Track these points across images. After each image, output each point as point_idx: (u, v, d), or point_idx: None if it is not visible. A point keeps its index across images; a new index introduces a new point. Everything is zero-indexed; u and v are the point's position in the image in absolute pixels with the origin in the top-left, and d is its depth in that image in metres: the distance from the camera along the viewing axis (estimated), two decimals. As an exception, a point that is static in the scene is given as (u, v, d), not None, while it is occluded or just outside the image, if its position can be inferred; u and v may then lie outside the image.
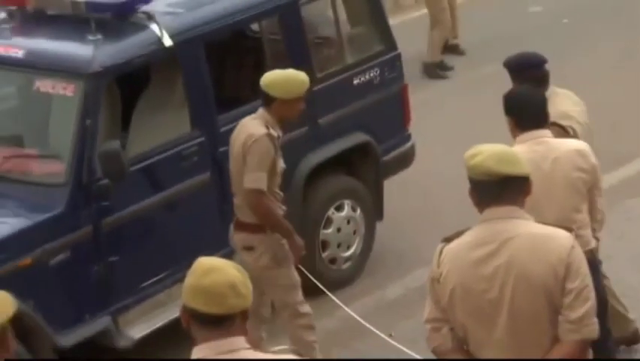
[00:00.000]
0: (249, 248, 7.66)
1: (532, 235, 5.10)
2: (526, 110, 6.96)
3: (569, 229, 5.21)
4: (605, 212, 7.07)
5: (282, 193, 8.24)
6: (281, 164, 8.08)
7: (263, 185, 7.79)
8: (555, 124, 7.51)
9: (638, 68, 13.94)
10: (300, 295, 8.18)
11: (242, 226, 7.98)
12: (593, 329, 5.05)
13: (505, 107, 7.03)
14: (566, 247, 5.03)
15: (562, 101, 7.91)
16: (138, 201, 8.61)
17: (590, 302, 5.01)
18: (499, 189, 5.13)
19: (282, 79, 7.94)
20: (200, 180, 9.01)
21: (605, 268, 7.51)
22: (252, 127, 7.90)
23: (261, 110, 7.96)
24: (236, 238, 7.99)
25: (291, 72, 8.01)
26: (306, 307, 8.20)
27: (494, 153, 5.13)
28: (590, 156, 6.85)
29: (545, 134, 6.88)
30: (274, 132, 7.86)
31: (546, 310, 5.06)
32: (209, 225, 8.67)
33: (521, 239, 5.07)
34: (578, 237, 5.38)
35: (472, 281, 5.15)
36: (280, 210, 8.14)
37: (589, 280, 5.07)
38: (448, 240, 5.32)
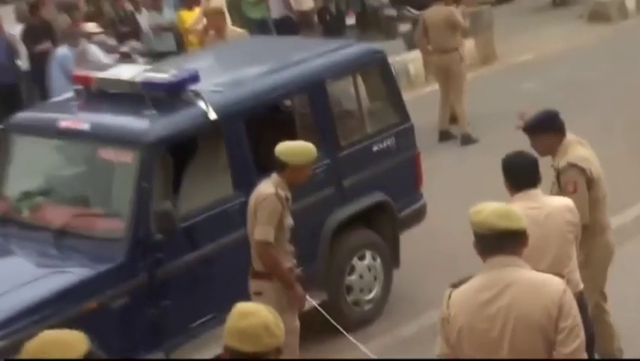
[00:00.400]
0: (259, 293, 7.64)
1: (530, 281, 5.11)
2: (520, 173, 6.95)
3: (560, 276, 5.25)
4: None
5: (292, 247, 8.21)
6: (289, 221, 8.06)
7: (270, 237, 7.80)
8: (576, 165, 7.68)
9: (610, 141, 13.89)
10: (297, 339, 8.15)
11: (254, 274, 8.00)
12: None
13: (503, 171, 7.00)
14: (559, 291, 5.05)
15: (580, 147, 7.95)
16: (187, 253, 8.60)
17: (580, 339, 5.03)
18: (499, 241, 5.15)
19: (294, 149, 7.98)
20: (242, 235, 8.92)
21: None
22: (263, 188, 7.96)
23: (274, 175, 7.97)
24: (250, 284, 7.98)
25: (301, 143, 8.09)
26: (297, 351, 8.19)
27: (495, 210, 5.17)
28: (575, 211, 6.86)
29: (537, 193, 6.90)
30: (282, 193, 7.87)
31: (542, 346, 5.07)
32: (242, 273, 8.62)
33: (520, 285, 5.07)
34: (568, 281, 5.44)
35: (477, 321, 5.13)
36: (289, 262, 8.11)
37: (579, 320, 5.08)
38: (455, 285, 5.34)
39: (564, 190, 7.71)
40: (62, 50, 16.62)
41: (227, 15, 16.58)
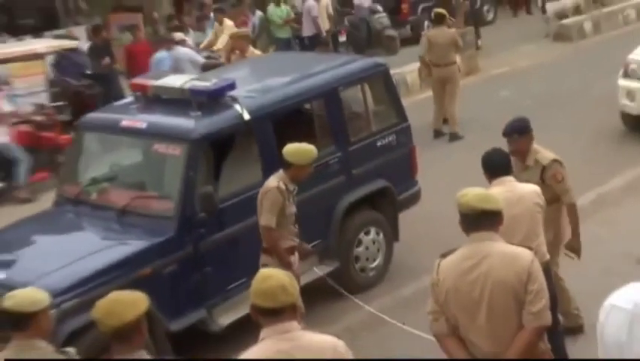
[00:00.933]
0: (265, 265, 7.52)
1: (504, 252, 5.21)
2: (496, 165, 6.98)
3: (530, 248, 5.36)
4: None
5: (296, 228, 8.16)
6: (292, 209, 8.00)
7: (272, 223, 7.77)
8: (558, 160, 7.87)
9: (569, 138, 13.85)
10: None
11: (263, 250, 7.94)
12: (547, 319, 5.21)
13: (482, 164, 7.03)
14: (528, 260, 5.17)
15: (543, 148, 7.99)
16: (225, 229, 8.61)
17: (545, 300, 5.14)
18: (479, 220, 5.25)
19: (298, 150, 7.88)
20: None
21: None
22: (269, 182, 7.91)
23: (280, 171, 7.92)
24: (261, 257, 7.93)
25: (305, 145, 7.96)
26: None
27: (476, 195, 5.29)
28: (542, 196, 6.89)
29: (511, 180, 6.91)
30: (284, 186, 7.81)
31: (513, 306, 5.15)
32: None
33: (496, 255, 5.17)
34: (536, 253, 5.53)
35: (461, 285, 5.21)
36: (292, 241, 8.07)
37: (544, 284, 5.19)
38: (443, 256, 5.43)
39: (553, 180, 7.77)
40: (160, 54, 17.42)
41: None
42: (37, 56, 16.28)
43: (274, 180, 7.85)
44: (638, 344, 3.90)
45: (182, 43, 18.21)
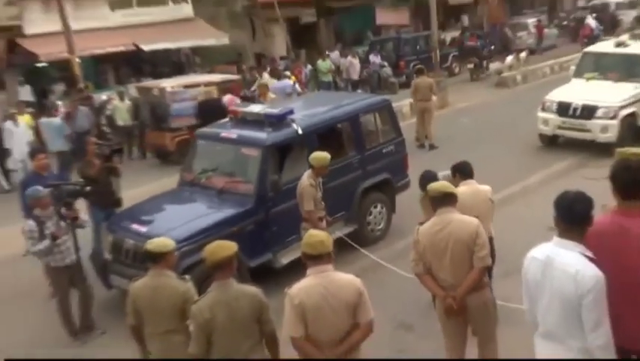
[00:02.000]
0: (305, 228, 7.47)
1: (460, 220, 5.33)
2: (464, 171, 6.96)
3: (476, 217, 5.37)
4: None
5: (323, 204, 8.11)
6: (319, 195, 7.96)
7: (311, 207, 7.77)
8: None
9: (504, 149, 13.71)
10: None
11: (303, 218, 7.89)
12: (488, 262, 5.33)
13: (456, 170, 7.04)
14: (475, 225, 5.30)
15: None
16: (285, 203, 8.53)
17: (486, 250, 5.21)
18: (443, 199, 5.35)
19: (317, 157, 7.85)
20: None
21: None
22: (304, 180, 7.87)
23: (309, 170, 7.91)
24: (302, 223, 7.89)
25: (322, 153, 7.93)
26: None
27: (439, 184, 5.56)
28: (491, 193, 6.88)
29: (473, 182, 6.87)
30: (313, 181, 7.80)
31: (466, 253, 5.22)
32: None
33: (455, 222, 5.30)
34: (486, 229, 5.62)
35: (433, 241, 5.26)
36: (320, 213, 8.01)
37: (487, 241, 5.28)
38: (421, 223, 5.50)
39: None
40: (282, 82, 18.00)
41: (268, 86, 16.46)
42: (212, 83, 16.82)
43: (306, 179, 7.82)
44: (548, 281, 3.89)
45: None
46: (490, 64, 24.55)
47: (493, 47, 27.62)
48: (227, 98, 15.88)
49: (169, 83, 16.85)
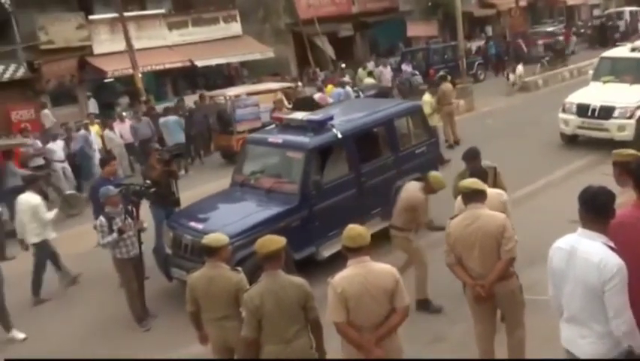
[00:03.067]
0: (395, 236, 7.50)
1: (488, 215, 5.20)
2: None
3: (503, 213, 5.27)
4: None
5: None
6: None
7: (427, 218, 7.63)
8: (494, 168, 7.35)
9: (525, 147, 13.46)
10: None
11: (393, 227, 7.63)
12: (515, 254, 5.16)
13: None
14: (503, 219, 5.17)
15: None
16: (326, 200, 8.53)
17: (513, 242, 5.07)
18: (473, 196, 5.25)
19: (438, 179, 7.42)
20: (351, 192, 8.93)
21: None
22: (416, 192, 7.49)
23: (418, 183, 7.65)
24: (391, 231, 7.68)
25: (440, 177, 7.50)
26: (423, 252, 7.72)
27: (470, 181, 5.41)
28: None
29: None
30: (425, 196, 7.48)
31: (494, 246, 5.08)
32: (352, 210, 8.53)
33: (484, 217, 5.18)
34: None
35: (463, 234, 5.15)
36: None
37: (513, 234, 5.12)
38: (451, 218, 5.41)
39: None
40: (338, 90, 18.33)
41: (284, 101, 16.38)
42: (271, 91, 17.41)
43: (419, 193, 7.41)
44: (572, 269, 3.82)
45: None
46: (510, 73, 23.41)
47: (506, 58, 27.29)
48: (318, 96, 17.42)
49: (233, 92, 17.48)
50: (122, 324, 7.96)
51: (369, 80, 22.56)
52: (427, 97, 14.76)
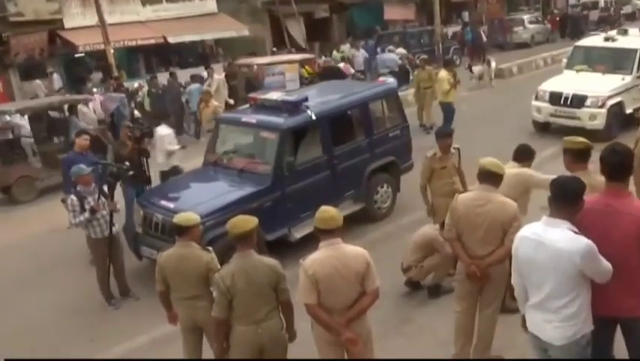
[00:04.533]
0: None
1: (500, 200, 5.14)
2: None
3: (514, 200, 5.19)
4: None
5: None
6: None
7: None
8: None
9: (502, 130, 13.57)
10: None
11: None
12: None
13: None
14: (514, 207, 5.13)
15: None
16: (299, 182, 8.53)
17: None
18: (487, 176, 5.17)
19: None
20: (324, 174, 8.93)
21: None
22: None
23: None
24: None
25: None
26: None
27: (489, 161, 5.21)
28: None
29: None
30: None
31: (500, 232, 5.09)
32: (325, 192, 8.56)
33: (495, 201, 5.12)
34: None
35: (471, 214, 5.17)
36: None
37: (521, 226, 4.88)
38: (460, 192, 5.50)
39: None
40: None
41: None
42: (292, 62, 18.42)
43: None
44: (540, 258, 3.89)
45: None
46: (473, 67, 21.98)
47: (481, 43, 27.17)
48: (343, 65, 19.41)
49: (262, 61, 19.34)
50: (93, 303, 7.90)
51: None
52: (443, 74, 14.45)
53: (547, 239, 3.84)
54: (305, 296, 4.45)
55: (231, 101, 16.77)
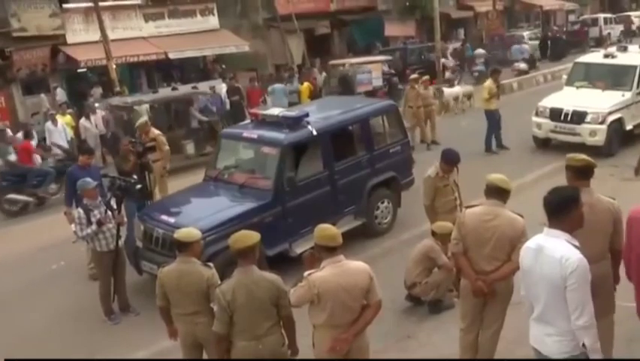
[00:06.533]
0: None
1: (508, 216, 5.16)
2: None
3: (521, 216, 5.21)
4: None
5: None
6: None
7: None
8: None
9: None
10: None
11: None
12: None
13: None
14: (522, 224, 5.15)
15: None
16: (300, 197, 8.54)
17: None
18: (494, 192, 5.21)
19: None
20: (325, 189, 8.94)
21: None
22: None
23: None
24: None
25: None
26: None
27: (497, 177, 5.24)
28: None
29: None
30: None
31: (507, 248, 5.08)
32: (326, 207, 8.63)
33: (503, 216, 5.14)
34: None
35: (480, 228, 5.16)
36: None
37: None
38: (467, 207, 5.42)
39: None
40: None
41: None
42: (376, 62, 22.04)
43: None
44: (539, 267, 3.93)
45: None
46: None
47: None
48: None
49: (354, 61, 22.45)
50: (92, 317, 7.88)
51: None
52: (488, 82, 14.51)
53: (546, 248, 3.89)
54: (296, 300, 4.57)
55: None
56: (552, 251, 3.83)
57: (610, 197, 4.96)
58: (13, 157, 13.40)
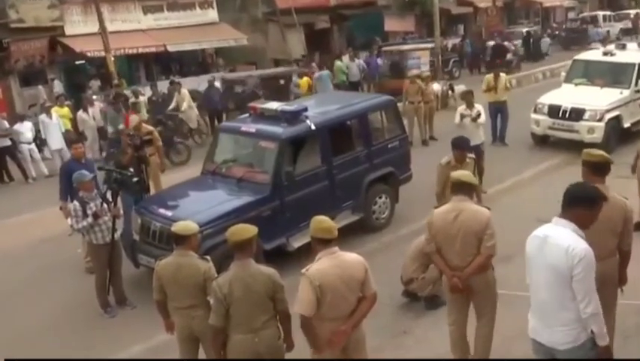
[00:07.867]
0: None
1: (473, 209, 5.24)
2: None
3: (488, 208, 5.35)
4: None
5: None
6: None
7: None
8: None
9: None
10: None
11: None
12: (495, 251, 5.18)
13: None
14: (487, 215, 5.20)
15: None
16: (298, 191, 8.53)
17: (494, 240, 5.11)
18: (460, 188, 5.30)
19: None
20: (323, 184, 8.93)
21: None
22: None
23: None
24: None
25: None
26: None
27: (460, 173, 5.43)
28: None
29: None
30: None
31: (475, 241, 5.13)
32: (324, 202, 8.60)
33: (468, 210, 5.21)
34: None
35: (446, 226, 5.21)
36: None
37: (495, 233, 5.15)
38: (435, 207, 5.48)
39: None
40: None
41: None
42: (424, 49, 23.26)
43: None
44: (543, 256, 3.94)
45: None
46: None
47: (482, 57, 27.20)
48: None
49: (405, 47, 24.05)
50: (89, 311, 7.88)
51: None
52: (503, 75, 14.48)
53: (552, 237, 3.89)
54: (304, 307, 4.40)
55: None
56: (558, 240, 3.84)
57: (623, 197, 4.97)
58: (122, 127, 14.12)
